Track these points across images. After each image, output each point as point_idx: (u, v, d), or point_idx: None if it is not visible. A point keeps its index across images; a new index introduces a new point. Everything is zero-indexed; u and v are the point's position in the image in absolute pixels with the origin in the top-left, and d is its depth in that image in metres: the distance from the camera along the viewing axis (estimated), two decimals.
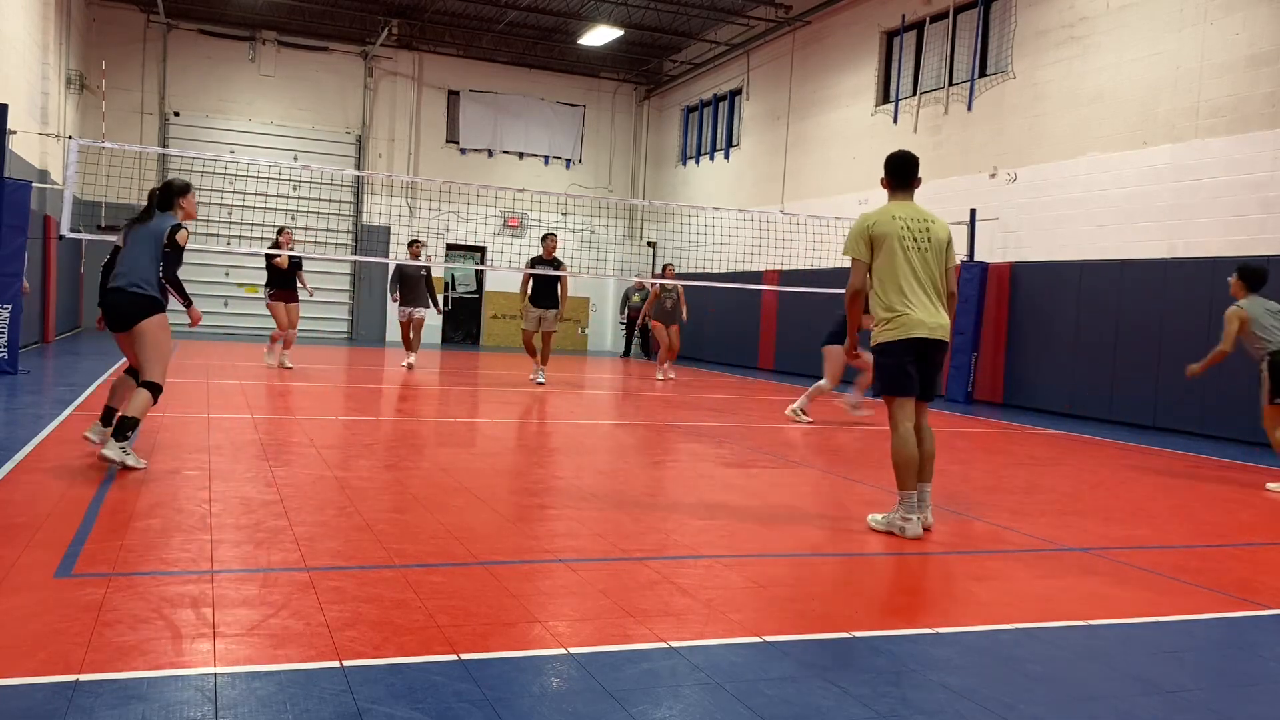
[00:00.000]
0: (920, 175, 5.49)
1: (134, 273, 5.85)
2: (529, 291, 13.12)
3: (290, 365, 13.41)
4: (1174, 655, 3.45)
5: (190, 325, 6.32)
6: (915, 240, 5.22)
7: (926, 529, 5.12)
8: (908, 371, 5.10)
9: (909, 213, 5.34)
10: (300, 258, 13.72)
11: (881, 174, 5.72)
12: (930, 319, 5.08)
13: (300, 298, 13.56)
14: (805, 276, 16.97)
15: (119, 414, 5.87)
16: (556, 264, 13.14)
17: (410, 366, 14.36)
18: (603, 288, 25.02)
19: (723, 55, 21.53)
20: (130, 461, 5.59)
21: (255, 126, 21.93)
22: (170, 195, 6.14)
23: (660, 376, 15.72)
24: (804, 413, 10.44)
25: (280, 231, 13.43)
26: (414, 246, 14.55)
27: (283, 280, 13.22)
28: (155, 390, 5.80)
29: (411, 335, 14.51)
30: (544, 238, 13.27)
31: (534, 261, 13.14)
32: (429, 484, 5.82)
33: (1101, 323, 12.39)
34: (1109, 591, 4.29)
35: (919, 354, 5.10)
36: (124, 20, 20.83)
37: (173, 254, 5.92)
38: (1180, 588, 4.39)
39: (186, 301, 6.06)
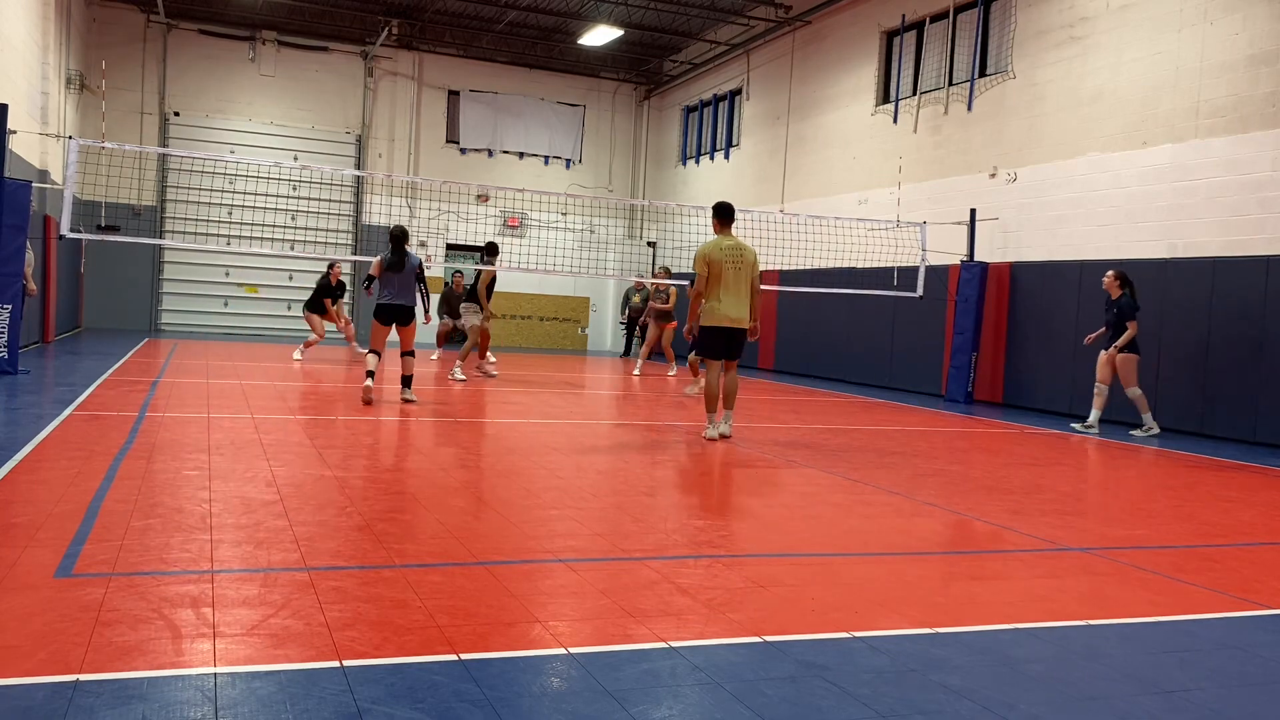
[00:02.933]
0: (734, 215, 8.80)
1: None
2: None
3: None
4: (1174, 655, 3.45)
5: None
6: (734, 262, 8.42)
7: (724, 437, 8.38)
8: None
9: (730, 243, 8.53)
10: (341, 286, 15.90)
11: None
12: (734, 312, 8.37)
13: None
14: (805, 276, 16.97)
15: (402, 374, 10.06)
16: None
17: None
18: (603, 288, 25.02)
19: (723, 55, 21.54)
20: (411, 396, 10.04)
21: (255, 126, 21.93)
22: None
23: (637, 372, 16.31)
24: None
25: (332, 267, 15.82)
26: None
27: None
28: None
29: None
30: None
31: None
32: (429, 484, 5.82)
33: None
34: (1109, 591, 4.29)
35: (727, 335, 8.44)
36: (124, 20, 20.83)
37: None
38: (1180, 588, 4.39)
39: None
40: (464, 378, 13.26)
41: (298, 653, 2.95)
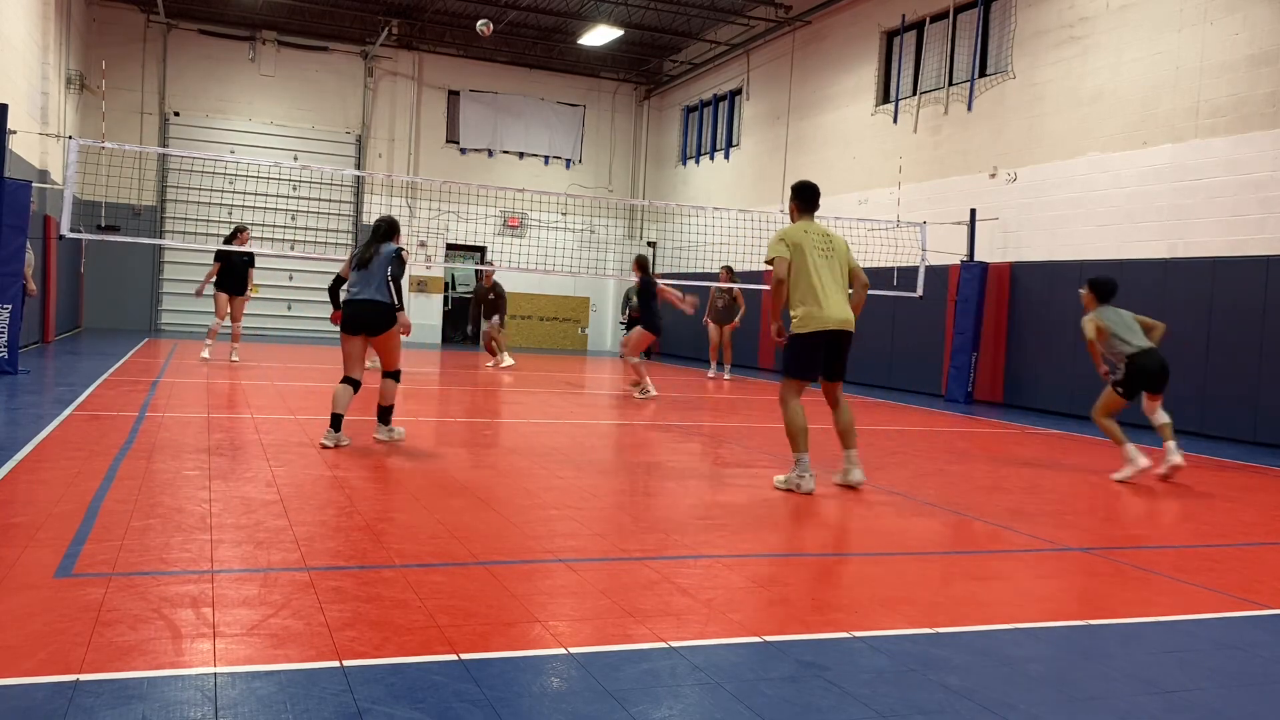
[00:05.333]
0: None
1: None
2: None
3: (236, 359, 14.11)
4: (1174, 655, 3.45)
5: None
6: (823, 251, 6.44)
7: (856, 485, 6.36)
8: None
9: (817, 229, 6.59)
10: (251, 254, 14.51)
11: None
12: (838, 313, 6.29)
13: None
14: None
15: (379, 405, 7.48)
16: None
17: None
18: (603, 288, 25.01)
19: (723, 55, 21.53)
20: (396, 435, 7.39)
21: (255, 126, 21.93)
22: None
23: (712, 374, 16.42)
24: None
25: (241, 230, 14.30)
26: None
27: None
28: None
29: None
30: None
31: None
32: (429, 484, 5.82)
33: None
34: (1109, 591, 4.29)
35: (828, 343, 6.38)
36: (124, 20, 20.82)
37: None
38: (1180, 588, 4.39)
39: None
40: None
41: (298, 653, 2.95)
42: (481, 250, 23.66)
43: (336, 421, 6.96)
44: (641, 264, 12.84)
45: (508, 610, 3.48)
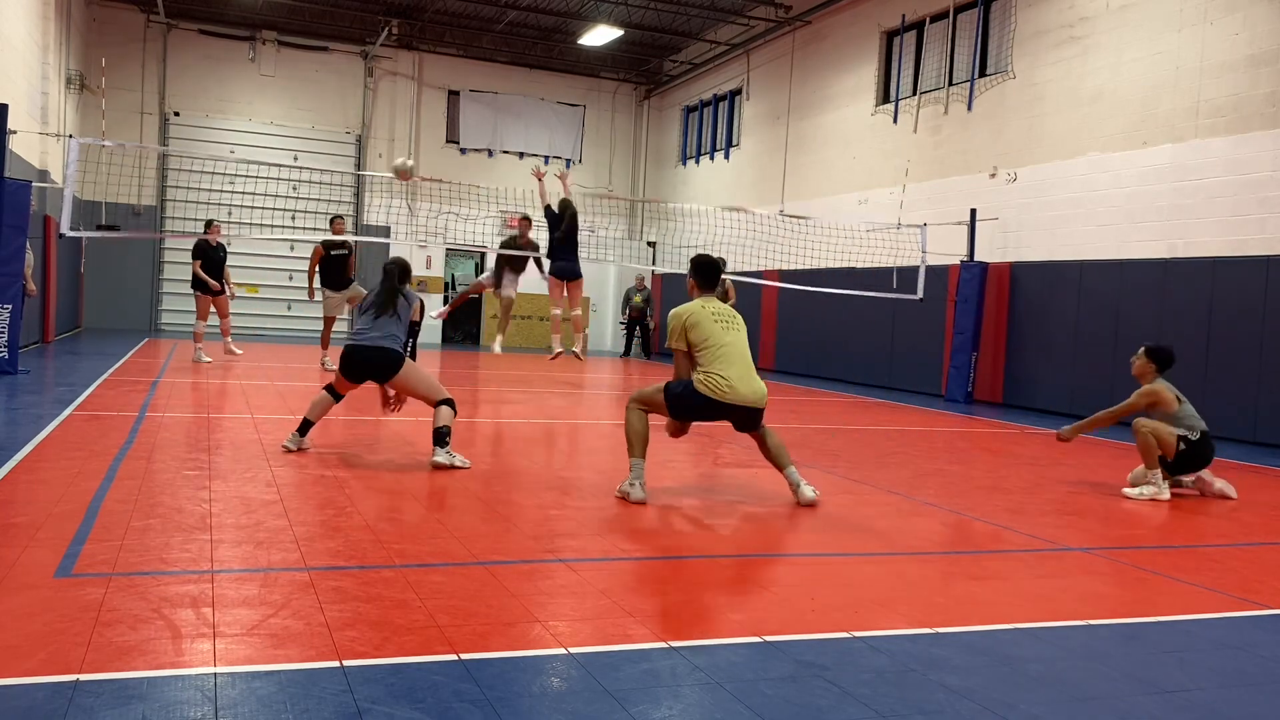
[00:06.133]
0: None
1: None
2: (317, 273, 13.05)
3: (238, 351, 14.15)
4: (1174, 655, 3.45)
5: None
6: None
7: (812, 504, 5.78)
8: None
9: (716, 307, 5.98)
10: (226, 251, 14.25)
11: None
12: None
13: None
14: (805, 276, 16.97)
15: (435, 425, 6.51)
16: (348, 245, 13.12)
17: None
18: (603, 288, 25.01)
19: (723, 55, 21.53)
20: (457, 462, 6.36)
21: (255, 126, 21.93)
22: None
23: None
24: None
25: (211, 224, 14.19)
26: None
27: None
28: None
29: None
30: (333, 219, 13.45)
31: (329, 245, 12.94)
32: (429, 484, 5.82)
33: (1101, 323, 12.40)
34: (1109, 591, 4.29)
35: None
36: (124, 20, 20.82)
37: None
38: (1180, 588, 4.39)
39: None
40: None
41: (298, 653, 2.95)
42: (481, 250, 23.64)
43: (305, 427, 6.70)
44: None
45: (508, 610, 3.48)
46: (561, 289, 12.69)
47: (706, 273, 6.11)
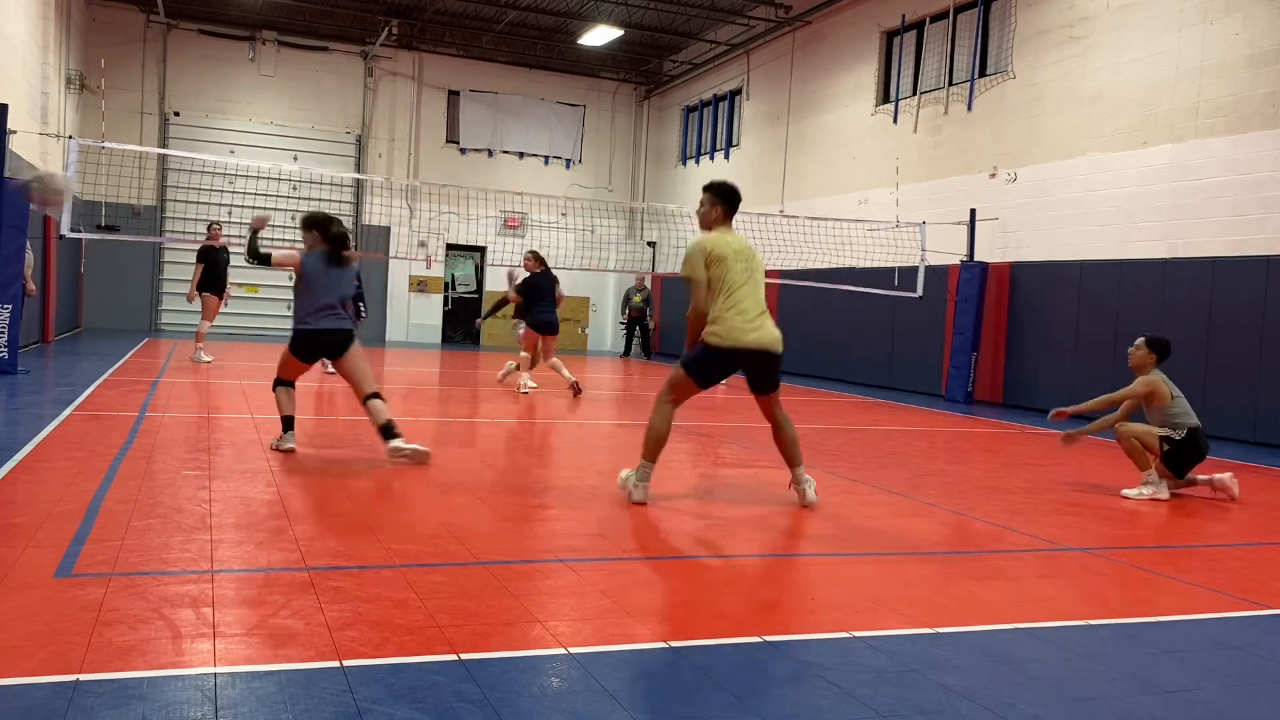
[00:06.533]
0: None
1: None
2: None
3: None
4: (1174, 655, 3.45)
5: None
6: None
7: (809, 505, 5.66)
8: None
9: (738, 242, 5.74)
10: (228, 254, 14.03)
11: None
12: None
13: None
14: (805, 276, 16.97)
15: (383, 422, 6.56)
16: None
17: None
18: (603, 288, 25.02)
19: (723, 55, 21.53)
20: (417, 447, 6.41)
21: (255, 126, 21.93)
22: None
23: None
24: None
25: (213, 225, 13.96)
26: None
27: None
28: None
29: None
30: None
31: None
32: (429, 484, 5.82)
33: (1101, 323, 12.40)
34: (1109, 591, 4.29)
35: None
36: (124, 20, 20.83)
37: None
38: (1180, 588, 4.39)
39: None
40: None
41: (298, 653, 2.95)
42: (482, 250, 23.67)
43: (289, 427, 6.70)
44: (538, 258, 12.27)
45: (508, 610, 3.48)
46: (538, 342, 12.16)
47: (730, 197, 5.80)
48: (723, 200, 5.79)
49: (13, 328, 10.49)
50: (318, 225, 6.83)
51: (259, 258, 6.82)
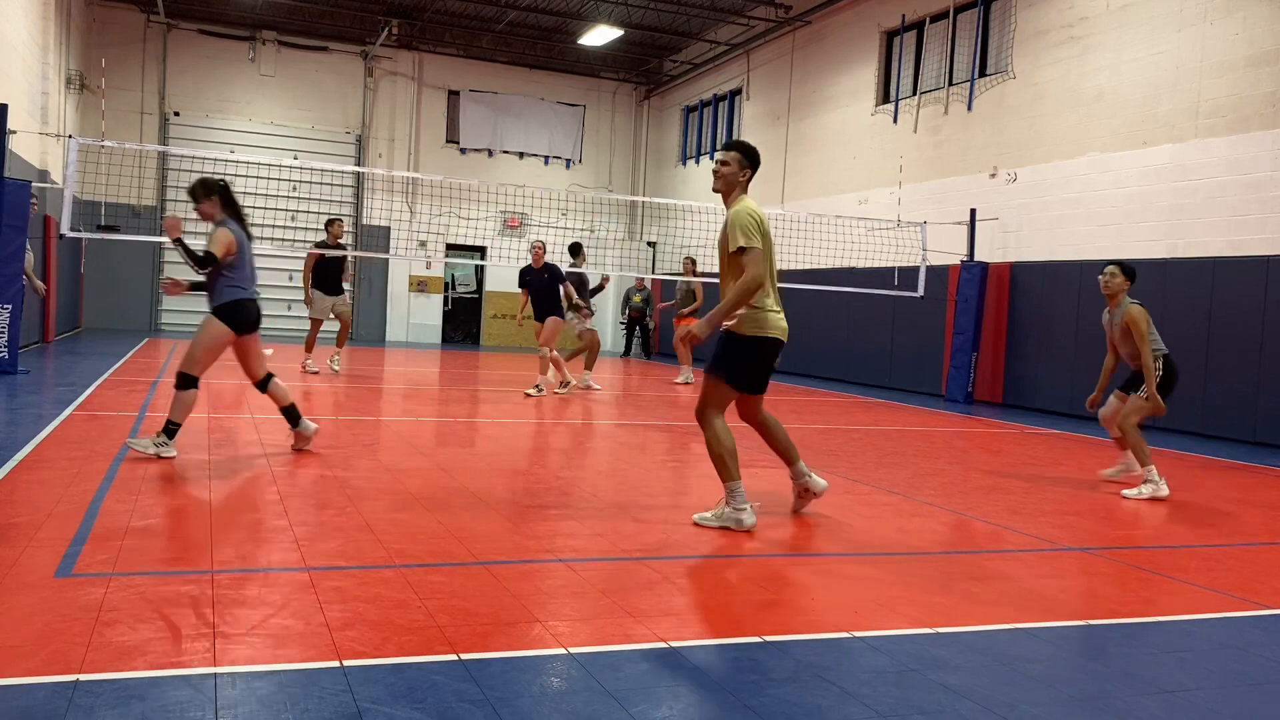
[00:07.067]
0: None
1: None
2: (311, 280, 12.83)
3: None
4: (1174, 655, 3.45)
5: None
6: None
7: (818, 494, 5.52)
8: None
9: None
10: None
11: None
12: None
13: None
14: (805, 276, 16.97)
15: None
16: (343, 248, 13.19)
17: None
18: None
19: (723, 55, 21.53)
20: (163, 453, 6.06)
21: (255, 126, 21.93)
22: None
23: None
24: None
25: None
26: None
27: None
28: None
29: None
30: (329, 223, 12.96)
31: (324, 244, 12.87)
32: (429, 484, 5.82)
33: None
34: (1109, 591, 4.29)
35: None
36: (124, 20, 20.83)
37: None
38: (1180, 588, 4.39)
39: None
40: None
41: (298, 653, 2.95)
42: (482, 250, 23.67)
43: (292, 414, 6.57)
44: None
45: (508, 610, 3.48)
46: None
47: (758, 160, 5.38)
48: (753, 163, 5.29)
49: (13, 328, 10.49)
50: (217, 190, 6.30)
51: (206, 262, 6.11)
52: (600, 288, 14.32)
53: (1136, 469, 7.01)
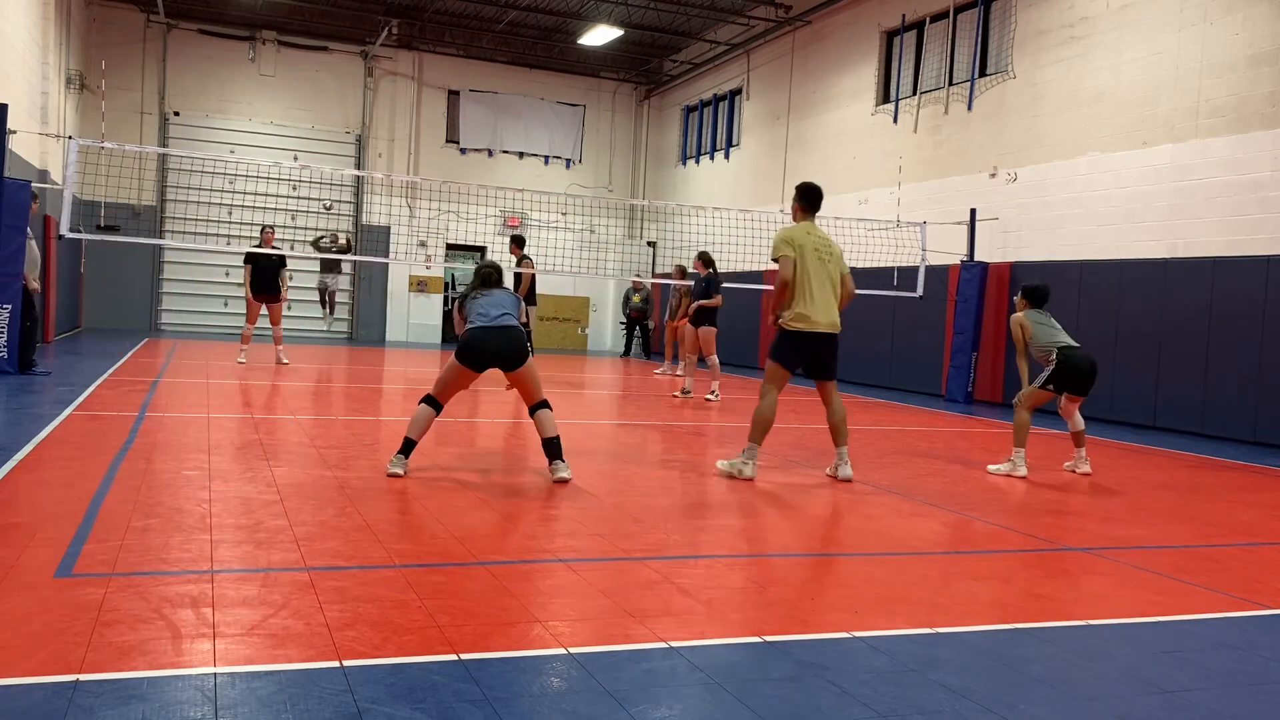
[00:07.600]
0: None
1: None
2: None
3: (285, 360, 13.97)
4: (1174, 655, 3.45)
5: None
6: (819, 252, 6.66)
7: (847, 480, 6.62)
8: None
9: (818, 234, 6.80)
10: (284, 256, 14.22)
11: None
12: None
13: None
14: None
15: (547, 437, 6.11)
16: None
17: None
18: (603, 288, 25.02)
19: (723, 55, 21.54)
20: (563, 473, 6.02)
21: (255, 126, 21.93)
22: None
23: (663, 370, 16.00)
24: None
25: (266, 230, 14.06)
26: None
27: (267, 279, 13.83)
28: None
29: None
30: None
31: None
32: (429, 484, 5.81)
33: (1101, 323, 12.39)
34: (1109, 591, 4.29)
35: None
36: (124, 20, 20.83)
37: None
38: (1180, 588, 4.39)
39: None
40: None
41: (298, 653, 2.95)
42: (481, 250, 23.67)
43: (409, 447, 6.04)
44: (705, 260, 12.95)
45: (508, 610, 3.48)
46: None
47: (808, 195, 6.87)
48: (801, 198, 6.89)
49: (13, 328, 10.48)
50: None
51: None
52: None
53: (1085, 466, 7.69)
